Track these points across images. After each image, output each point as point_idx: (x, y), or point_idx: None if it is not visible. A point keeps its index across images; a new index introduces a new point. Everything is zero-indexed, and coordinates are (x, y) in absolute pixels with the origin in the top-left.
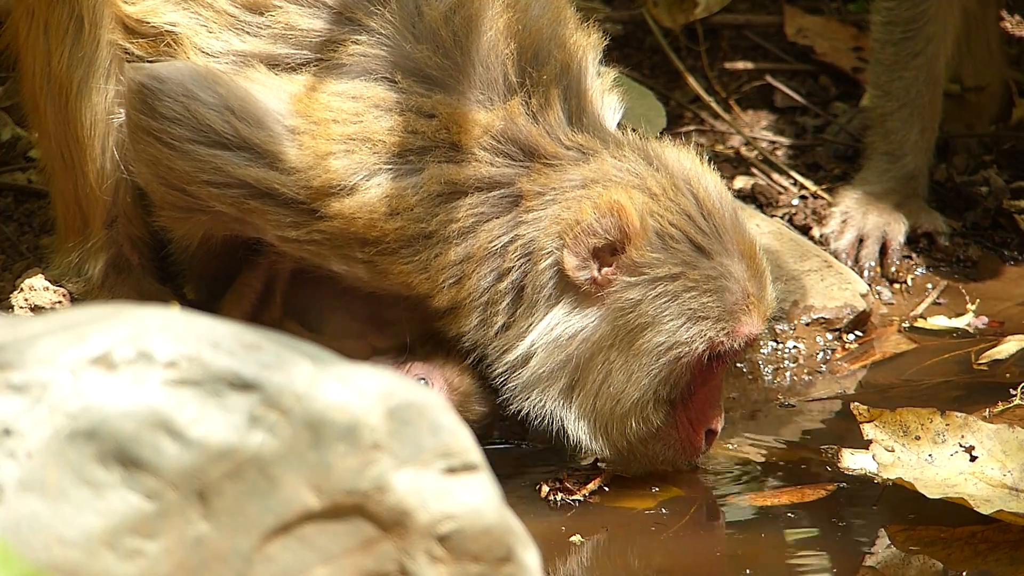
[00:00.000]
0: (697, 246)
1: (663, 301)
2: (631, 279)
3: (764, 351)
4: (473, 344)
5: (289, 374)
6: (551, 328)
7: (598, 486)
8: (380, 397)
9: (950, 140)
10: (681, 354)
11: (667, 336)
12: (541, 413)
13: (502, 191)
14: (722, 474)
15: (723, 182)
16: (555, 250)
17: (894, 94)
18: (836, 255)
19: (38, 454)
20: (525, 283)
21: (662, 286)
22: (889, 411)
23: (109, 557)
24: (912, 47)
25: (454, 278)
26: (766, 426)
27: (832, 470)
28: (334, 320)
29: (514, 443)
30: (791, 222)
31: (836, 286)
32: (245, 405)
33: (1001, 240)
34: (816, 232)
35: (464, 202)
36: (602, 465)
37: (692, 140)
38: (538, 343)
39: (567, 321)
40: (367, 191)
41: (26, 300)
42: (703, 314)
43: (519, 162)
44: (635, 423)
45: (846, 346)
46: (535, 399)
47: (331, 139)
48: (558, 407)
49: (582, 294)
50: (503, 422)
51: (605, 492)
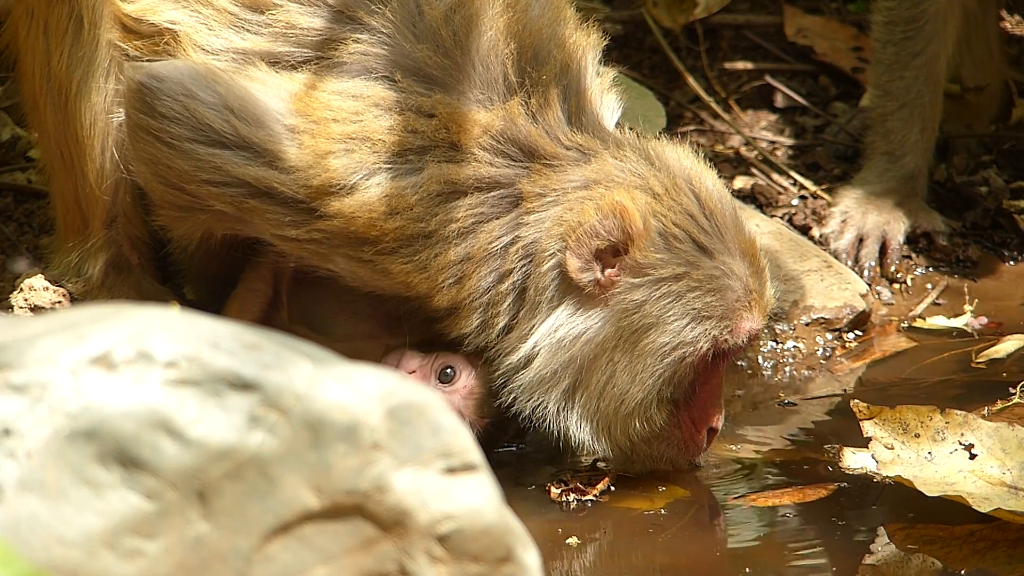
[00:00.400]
0: (700, 246)
1: (667, 301)
2: (635, 280)
3: (764, 350)
4: (474, 346)
5: (289, 374)
6: (554, 330)
7: (607, 486)
8: (380, 397)
9: (950, 140)
10: (686, 354)
11: (672, 336)
12: (543, 414)
13: (502, 191)
14: (722, 474)
15: (721, 181)
16: (557, 252)
17: (894, 94)
18: (836, 255)
19: (38, 454)
20: (527, 285)
21: (666, 286)
22: (889, 409)
23: (109, 557)
24: (913, 47)
25: (454, 278)
26: (766, 425)
27: (833, 469)
28: (343, 322)
29: (512, 445)
30: (791, 222)
31: (836, 286)
32: (245, 405)
33: (1001, 240)
34: (816, 232)
35: (463, 202)
36: (602, 465)
37: (692, 140)
38: (541, 345)
39: (571, 323)
40: (367, 190)
41: (26, 300)
42: (707, 313)
43: (519, 162)
44: (639, 423)
45: (846, 345)
46: (537, 400)
47: (331, 138)
48: (561, 408)
49: (585, 296)
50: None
51: (607, 493)
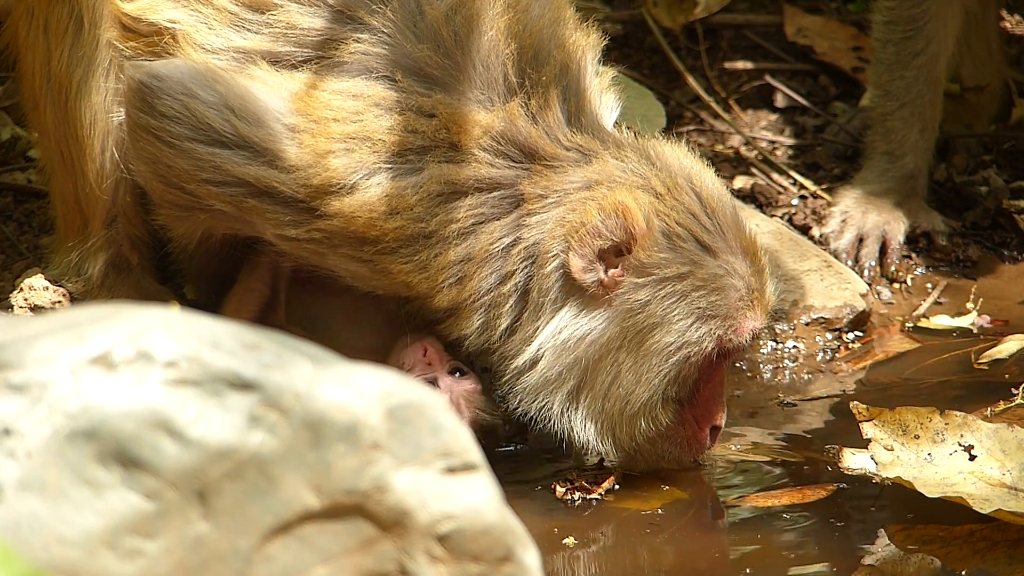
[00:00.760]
0: (703, 245)
1: (672, 301)
2: (639, 280)
3: (764, 351)
4: (475, 348)
5: (289, 374)
6: (559, 331)
7: (613, 484)
8: (380, 397)
9: (950, 140)
10: (691, 353)
11: (677, 336)
12: (548, 416)
13: (502, 192)
14: (722, 474)
15: (720, 179)
16: (560, 253)
17: (894, 93)
18: (836, 255)
19: (38, 454)
20: (530, 287)
21: (670, 286)
22: (888, 410)
23: (109, 557)
24: (913, 46)
25: (454, 278)
26: (766, 426)
27: (832, 470)
28: (341, 325)
29: (514, 445)
30: (791, 222)
31: (836, 286)
32: (245, 405)
33: (1001, 240)
34: (816, 232)
35: (464, 203)
36: (607, 464)
37: (692, 140)
38: (546, 347)
39: (575, 324)
40: (367, 190)
41: (26, 300)
42: (712, 312)
43: (519, 163)
44: (644, 423)
45: (849, 346)
46: (542, 402)
47: (331, 138)
48: (566, 410)
49: (589, 296)
50: (504, 425)
51: (609, 493)
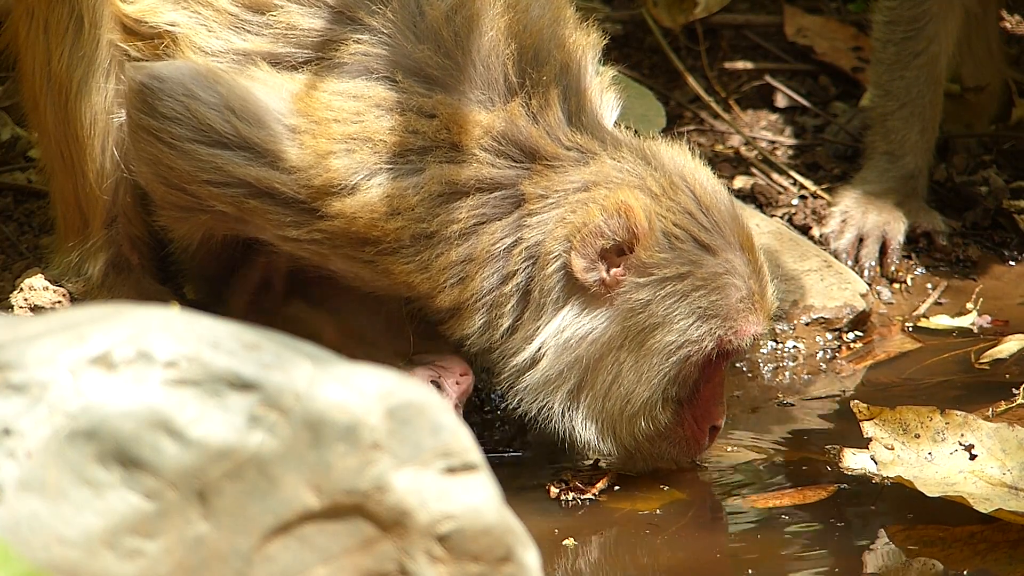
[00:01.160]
0: (702, 244)
1: (672, 301)
2: (640, 280)
3: (764, 351)
4: (477, 348)
5: (289, 374)
6: (560, 330)
7: (607, 484)
8: (380, 397)
9: (950, 140)
10: (691, 353)
11: (678, 335)
12: (548, 415)
13: (503, 192)
14: (722, 475)
15: (716, 176)
16: (562, 253)
17: (895, 94)
18: (836, 255)
19: (38, 454)
20: (531, 286)
21: (671, 286)
22: (889, 409)
23: (109, 557)
24: (913, 47)
25: (456, 278)
26: (766, 426)
27: (833, 470)
28: (343, 303)
29: (508, 449)
30: (791, 222)
31: (836, 286)
32: (245, 405)
33: (1001, 240)
34: (816, 232)
35: (465, 203)
36: (603, 464)
37: (692, 140)
38: (548, 346)
39: (576, 323)
40: (368, 191)
41: (26, 300)
42: (712, 312)
43: (520, 164)
44: (644, 422)
45: (849, 346)
46: (543, 401)
47: (332, 138)
48: (566, 409)
49: (590, 296)
50: (503, 426)
51: (606, 493)
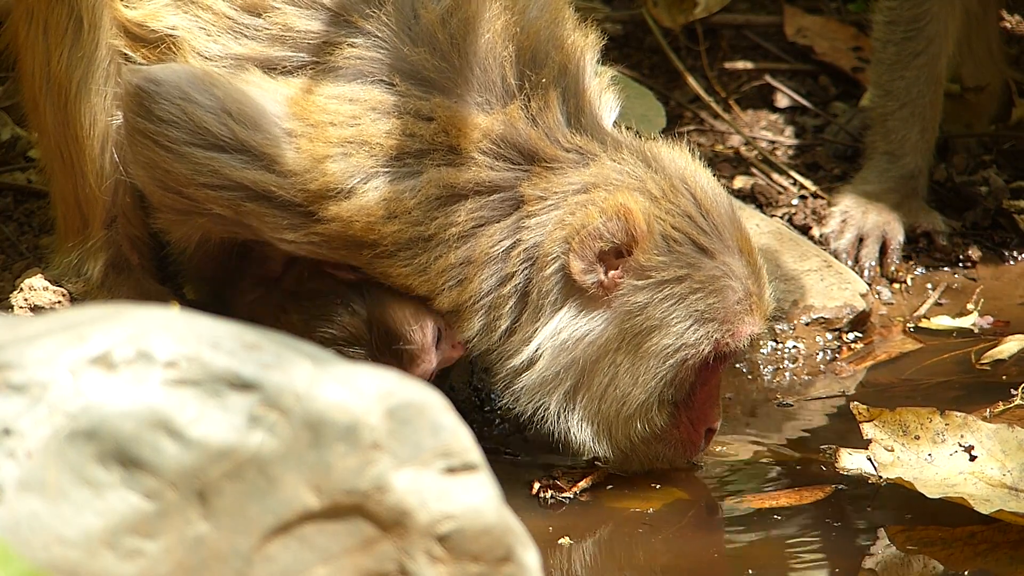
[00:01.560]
0: (700, 247)
1: (670, 304)
2: (638, 282)
3: (764, 351)
4: (476, 349)
5: (289, 374)
6: (558, 331)
7: (590, 484)
8: (380, 397)
9: (950, 140)
10: (688, 356)
11: (674, 338)
12: (544, 416)
13: (502, 195)
14: (720, 475)
15: (716, 178)
16: (560, 255)
17: (895, 94)
18: (836, 255)
19: (38, 454)
20: (530, 288)
21: (668, 289)
22: (888, 410)
23: (109, 557)
24: (914, 47)
25: (454, 281)
26: (765, 426)
27: (831, 471)
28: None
29: (507, 451)
30: (791, 222)
31: (836, 286)
32: (245, 405)
33: (1001, 240)
34: (816, 232)
35: (463, 206)
36: (599, 464)
37: (692, 140)
38: (544, 347)
39: (574, 324)
40: (364, 194)
41: (26, 300)
42: (709, 315)
43: (519, 166)
44: (640, 424)
45: (849, 346)
46: (539, 402)
47: (328, 142)
48: (562, 410)
49: (588, 298)
50: (501, 427)
51: (605, 492)
